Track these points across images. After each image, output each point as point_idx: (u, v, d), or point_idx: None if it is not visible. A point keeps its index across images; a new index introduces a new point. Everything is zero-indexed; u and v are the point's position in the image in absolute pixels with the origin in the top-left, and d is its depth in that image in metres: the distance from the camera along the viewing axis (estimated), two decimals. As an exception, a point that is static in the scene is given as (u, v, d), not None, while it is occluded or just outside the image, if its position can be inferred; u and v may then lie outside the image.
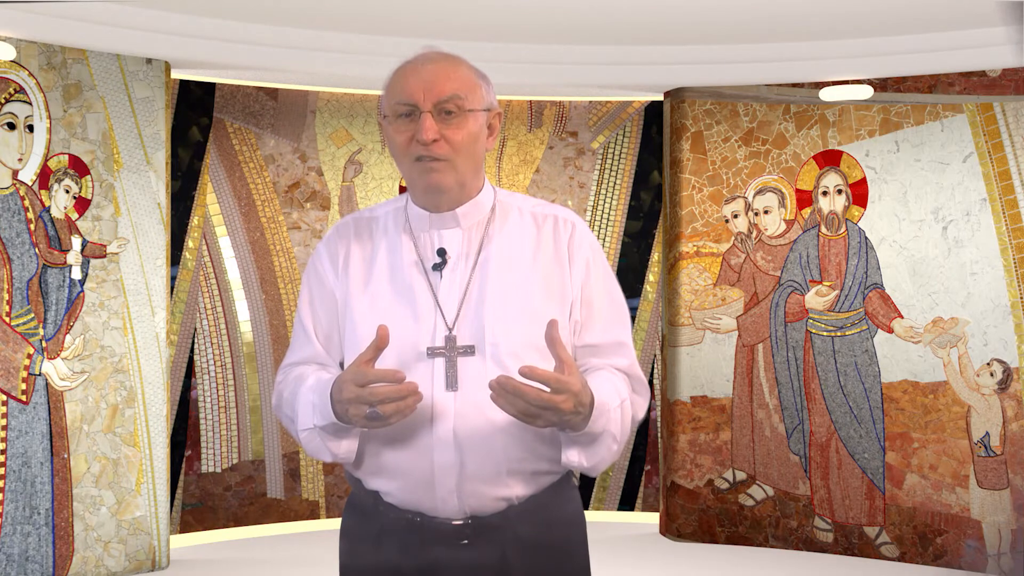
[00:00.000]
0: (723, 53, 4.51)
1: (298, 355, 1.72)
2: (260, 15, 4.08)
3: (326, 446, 1.59)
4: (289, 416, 1.67)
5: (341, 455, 1.60)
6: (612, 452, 1.59)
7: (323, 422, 1.56)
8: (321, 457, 1.61)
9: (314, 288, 1.71)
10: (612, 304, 1.70)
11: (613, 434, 1.58)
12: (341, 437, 1.59)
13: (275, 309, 4.94)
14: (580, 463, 1.58)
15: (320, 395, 1.56)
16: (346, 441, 1.59)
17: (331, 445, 1.59)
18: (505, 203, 1.70)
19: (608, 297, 1.70)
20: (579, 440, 1.56)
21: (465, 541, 1.60)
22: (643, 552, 4.64)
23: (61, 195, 3.99)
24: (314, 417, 1.58)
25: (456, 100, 1.58)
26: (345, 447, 1.60)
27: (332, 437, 1.58)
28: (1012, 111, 4.20)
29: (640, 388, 1.69)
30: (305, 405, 1.60)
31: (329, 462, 1.63)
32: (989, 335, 4.23)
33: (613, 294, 1.71)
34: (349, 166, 5.03)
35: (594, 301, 1.67)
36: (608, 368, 1.66)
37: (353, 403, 1.47)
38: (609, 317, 1.69)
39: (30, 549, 3.89)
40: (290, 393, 1.66)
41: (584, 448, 1.57)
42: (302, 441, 1.63)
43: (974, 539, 4.26)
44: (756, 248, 4.69)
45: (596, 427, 1.53)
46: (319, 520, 4.97)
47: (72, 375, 4.01)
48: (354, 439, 1.60)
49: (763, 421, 4.69)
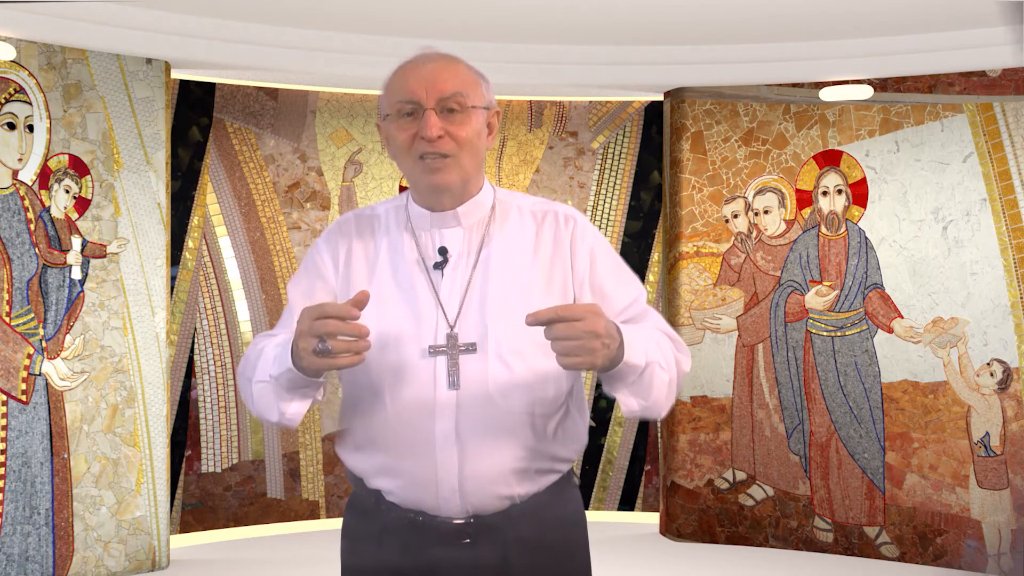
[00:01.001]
0: (723, 53, 4.51)
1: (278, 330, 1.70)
2: (260, 15, 4.08)
3: (276, 400, 1.55)
4: (248, 377, 1.63)
5: (288, 414, 1.56)
6: (665, 384, 1.55)
7: (279, 370, 1.53)
8: (268, 415, 1.57)
9: (312, 278, 1.70)
10: (625, 280, 1.69)
11: (659, 362, 1.53)
12: (293, 394, 1.55)
13: (275, 309, 4.94)
14: (640, 405, 1.53)
15: (284, 348, 1.54)
16: (296, 401, 1.55)
17: (281, 402, 1.55)
18: (505, 202, 1.70)
19: (620, 275, 1.69)
20: (625, 379, 1.51)
21: (467, 540, 1.60)
22: (643, 552, 4.64)
23: (61, 195, 3.99)
24: (272, 367, 1.55)
25: (459, 97, 1.58)
26: (294, 408, 1.55)
27: (285, 391, 1.54)
28: (1012, 111, 4.20)
29: (680, 346, 1.65)
30: (266, 359, 1.58)
31: (274, 423, 1.60)
32: (989, 335, 4.23)
33: (624, 272, 1.70)
34: (349, 166, 5.03)
35: (605, 284, 1.66)
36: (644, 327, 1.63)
37: (305, 335, 1.44)
38: (627, 292, 1.67)
39: (30, 549, 3.89)
40: (256, 355, 1.63)
41: (635, 387, 1.52)
42: (254, 397, 1.59)
43: (974, 539, 4.26)
44: (756, 248, 4.69)
45: (635, 356, 1.49)
46: (319, 520, 4.97)
47: (72, 375, 4.01)
48: (304, 400, 1.56)
49: (763, 421, 4.69)
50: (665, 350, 1.59)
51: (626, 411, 1.54)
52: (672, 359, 1.60)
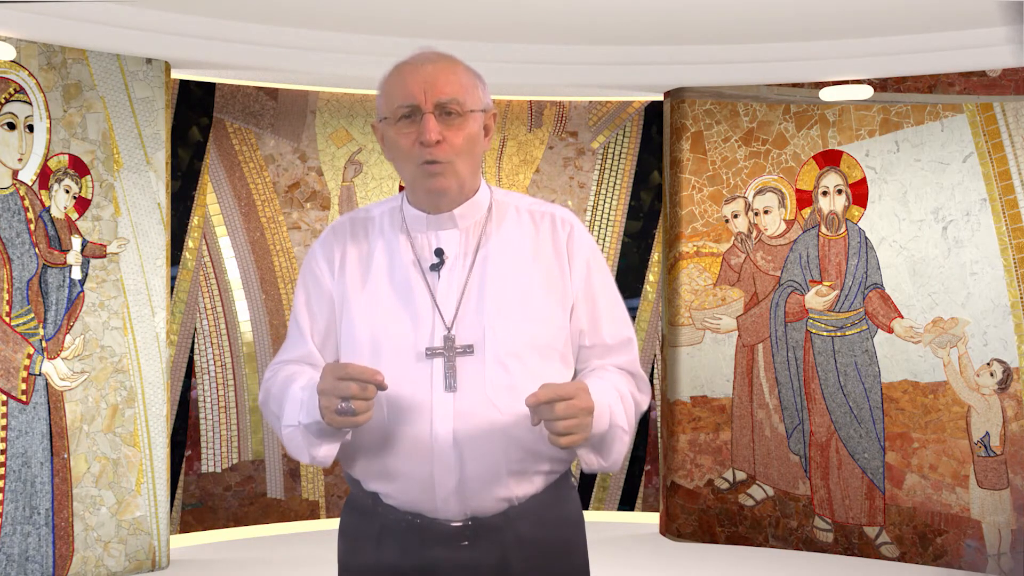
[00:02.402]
0: (723, 53, 4.51)
1: (291, 354, 1.71)
2: (260, 15, 4.08)
3: (306, 446, 1.57)
4: (275, 413, 1.65)
5: (319, 458, 1.57)
6: (625, 444, 1.60)
7: (308, 420, 1.55)
8: (300, 457, 1.60)
9: (311, 288, 1.70)
10: (614, 303, 1.71)
11: (621, 426, 1.59)
12: (323, 439, 1.57)
13: (275, 309, 4.94)
14: (600, 464, 1.59)
15: (311, 393, 1.55)
16: (326, 445, 1.57)
17: (311, 446, 1.57)
18: (502, 202, 1.70)
19: (609, 296, 1.70)
20: (591, 443, 1.56)
21: (465, 542, 1.60)
22: (643, 552, 4.64)
23: (61, 195, 3.99)
24: (300, 414, 1.57)
25: (456, 101, 1.58)
26: (324, 451, 1.57)
27: (314, 437, 1.56)
28: (1012, 111, 4.19)
29: (643, 385, 1.70)
30: (293, 402, 1.59)
31: (306, 463, 1.62)
32: (989, 335, 4.23)
33: (613, 293, 1.72)
34: (349, 166, 5.03)
35: (597, 301, 1.67)
36: (608, 367, 1.67)
37: (326, 394, 1.46)
38: (612, 316, 1.70)
39: (30, 549, 3.89)
40: (279, 390, 1.65)
41: (597, 448, 1.58)
42: (284, 438, 1.62)
43: (974, 539, 4.26)
44: (756, 248, 4.69)
45: (602, 425, 1.54)
46: (319, 520, 4.97)
47: (72, 375, 4.01)
48: (334, 444, 1.58)
49: (763, 421, 4.69)
50: (627, 401, 1.63)
51: (586, 468, 1.60)
52: (632, 409, 1.64)
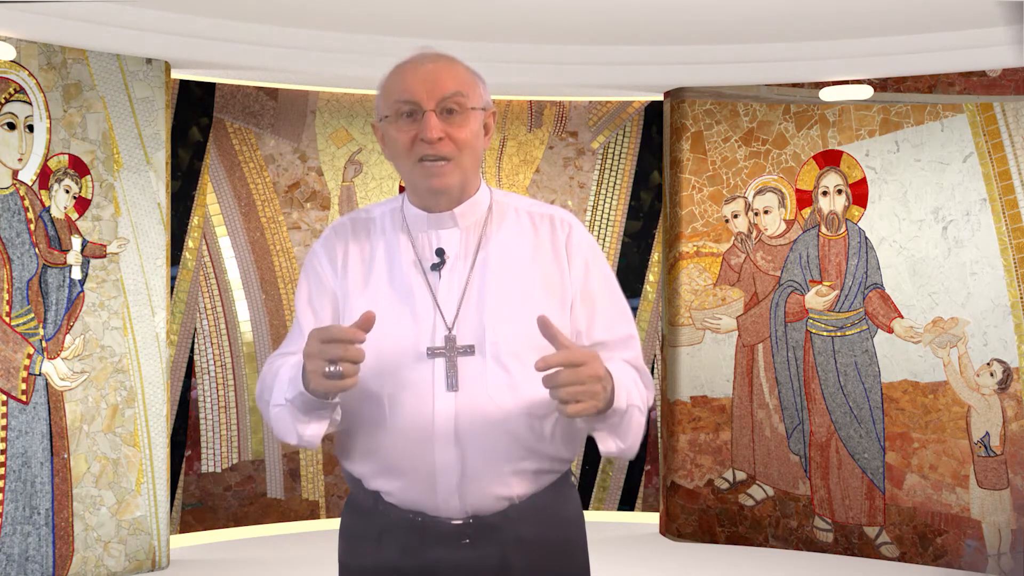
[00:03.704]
0: (723, 53, 4.51)
1: (290, 347, 1.70)
2: (260, 15, 4.08)
3: (293, 424, 1.56)
4: (267, 399, 1.64)
5: (306, 437, 1.56)
6: (642, 427, 1.60)
7: (293, 393, 1.53)
8: (287, 438, 1.58)
9: (313, 287, 1.70)
10: (614, 300, 1.71)
11: (638, 406, 1.58)
12: (310, 417, 1.55)
13: (275, 309, 4.94)
14: (618, 447, 1.57)
15: (297, 369, 1.54)
16: (314, 423, 1.55)
17: (299, 423, 1.55)
18: (502, 203, 1.70)
19: (610, 294, 1.70)
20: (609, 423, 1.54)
21: (466, 541, 1.60)
22: (643, 552, 4.64)
23: (61, 195, 3.99)
24: (287, 390, 1.56)
25: (458, 98, 1.58)
26: (312, 429, 1.55)
27: (301, 414, 1.55)
28: (1012, 111, 4.20)
29: (647, 380, 1.69)
30: (281, 382, 1.58)
31: (294, 445, 1.61)
32: (989, 335, 4.23)
33: (614, 290, 1.72)
34: (349, 166, 5.03)
35: (596, 299, 1.67)
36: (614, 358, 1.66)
37: (312, 357, 1.44)
38: (613, 313, 1.69)
39: (30, 549, 3.89)
40: (271, 377, 1.64)
41: (615, 430, 1.56)
42: (272, 420, 1.61)
43: (974, 539, 4.26)
44: (756, 248, 4.69)
45: (620, 402, 1.52)
46: (319, 520, 4.97)
47: (72, 375, 4.01)
48: (322, 422, 1.56)
49: (763, 421, 4.69)
50: (641, 389, 1.62)
51: (604, 452, 1.58)
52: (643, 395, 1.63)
